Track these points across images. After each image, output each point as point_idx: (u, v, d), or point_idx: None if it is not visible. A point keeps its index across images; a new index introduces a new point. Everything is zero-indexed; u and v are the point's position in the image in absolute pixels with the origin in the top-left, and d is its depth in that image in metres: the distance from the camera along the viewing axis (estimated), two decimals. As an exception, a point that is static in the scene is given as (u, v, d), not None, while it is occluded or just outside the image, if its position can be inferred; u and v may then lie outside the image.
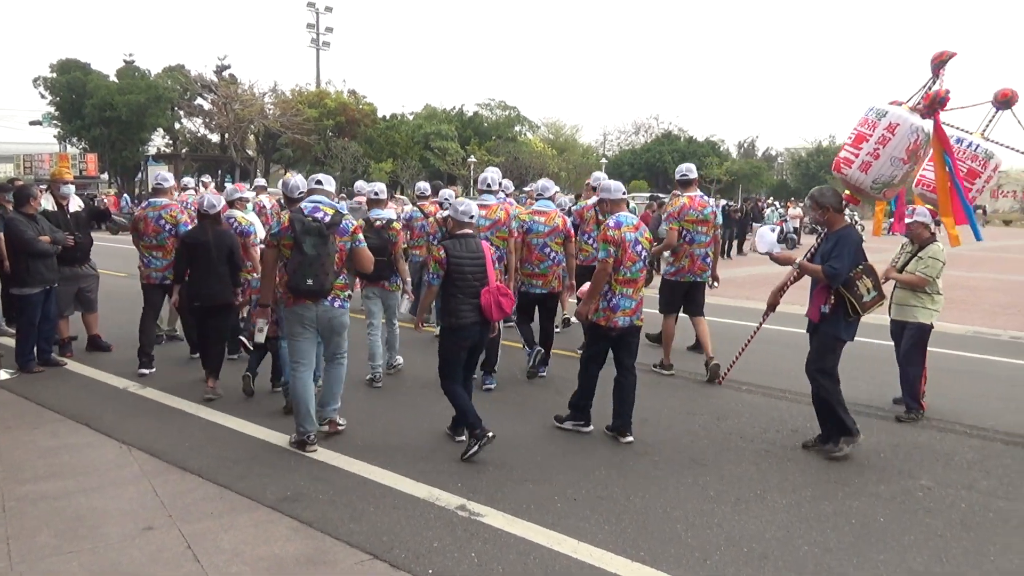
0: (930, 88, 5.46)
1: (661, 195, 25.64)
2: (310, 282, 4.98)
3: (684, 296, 7.58)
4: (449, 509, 4.27)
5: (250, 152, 47.41)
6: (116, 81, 43.81)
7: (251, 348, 6.37)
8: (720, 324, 10.67)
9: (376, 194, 7.11)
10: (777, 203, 35.86)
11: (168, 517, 4.13)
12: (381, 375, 6.90)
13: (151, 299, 7.42)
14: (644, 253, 5.57)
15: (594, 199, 7.83)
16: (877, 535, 4.09)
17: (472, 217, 5.36)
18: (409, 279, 7.28)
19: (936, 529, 4.18)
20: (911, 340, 6.19)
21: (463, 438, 5.28)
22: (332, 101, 46.15)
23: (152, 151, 46.93)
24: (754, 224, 24.68)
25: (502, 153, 45.86)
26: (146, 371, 7.04)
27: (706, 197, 7.58)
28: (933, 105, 5.32)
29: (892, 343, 6.50)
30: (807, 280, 5.52)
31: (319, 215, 5.08)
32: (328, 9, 54.91)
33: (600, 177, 8.16)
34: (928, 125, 5.38)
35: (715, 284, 7.72)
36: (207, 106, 44.75)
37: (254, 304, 6.47)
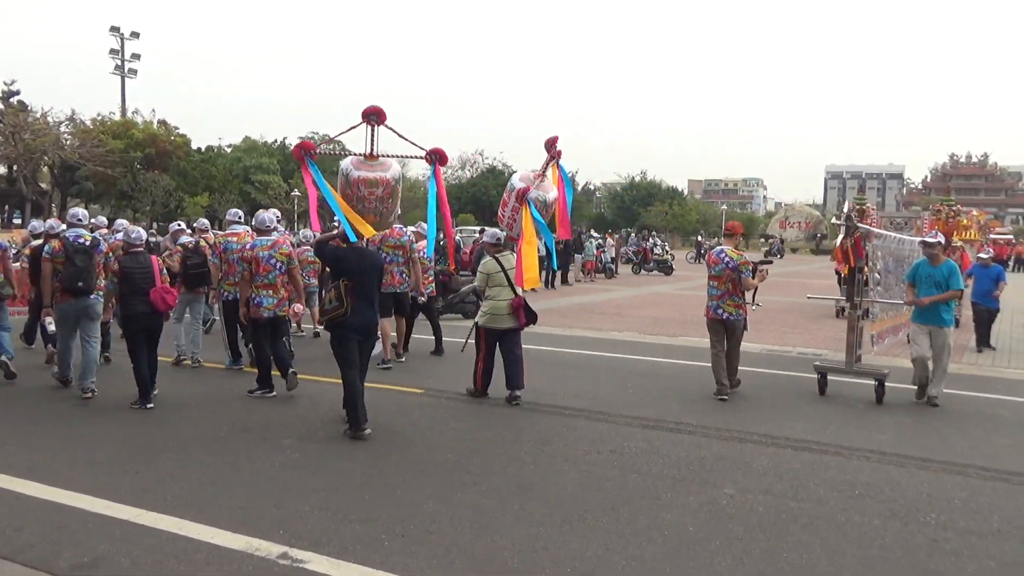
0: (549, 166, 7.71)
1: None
2: (80, 284, 7.50)
3: (395, 303, 9.58)
4: (270, 559, 4.07)
5: (44, 185, 43.29)
6: None
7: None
8: (544, 352, 11.02)
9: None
10: (597, 234, 37.70)
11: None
12: (186, 352, 9.28)
13: None
14: (279, 265, 7.83)
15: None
16: (687, 543, 4.36)
17: (142, 240, 7.52)
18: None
19: (738, 533, 4.52)
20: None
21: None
22: (140, 132, 43.30)
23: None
24: (576, 255, 25.81)
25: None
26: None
27: (404, 229, 9.52)
28: (437, 155, 7.01)
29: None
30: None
31: (81, 240, 7.64)
32: (135, 35, 51.74)
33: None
34: (515, 180, 7.63)
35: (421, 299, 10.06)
36: (-9, 135, 40.45)
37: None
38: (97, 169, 38.99)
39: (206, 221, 10.66)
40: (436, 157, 6.94)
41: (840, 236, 8.34)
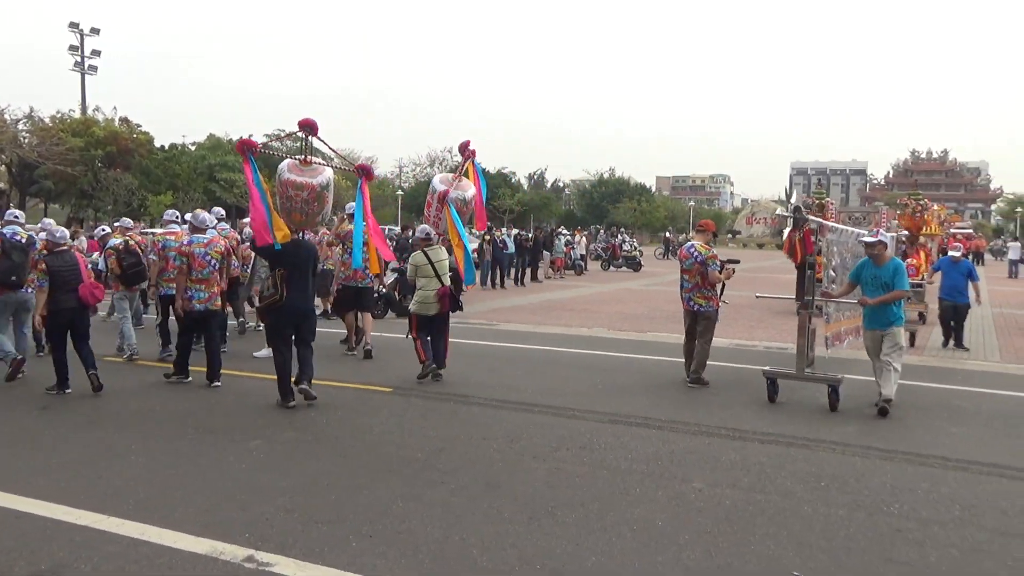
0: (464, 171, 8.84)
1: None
2: (14, 279, 8.24)
3: (356, 296, 10.29)
4: (235, 563, 4.01)
5: (1, 185, 42.23)
6: None
7: None
8: (514, 349, 11.03)
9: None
10: (566, 231, 37.84)
11: None
12: (136, 349, 9.56)
13: None
14: (213, 262, 8.13)
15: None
16: (656, 538, 4.38)
17: (66, 239, 7.88)
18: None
19: (706, 527, 4.55)
20: None
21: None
22: (101, 130, 42.32)
23: None
24: (545, 252, 25.84)
25: None
26: None
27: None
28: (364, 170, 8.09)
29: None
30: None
31: (18, 238, 8.36)
32: (95, 31, 50.64)
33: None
34: (436, 182, 8.64)
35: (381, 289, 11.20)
36: (-56, 133, 39.32)
37: None
38: (57, 168, 38.08)
39: (174, 212, 10.62)
40: (363, 172, 7.99)
41: (787, 228, 8.38)
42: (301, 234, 7.71)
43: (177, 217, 10.28)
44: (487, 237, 22.49)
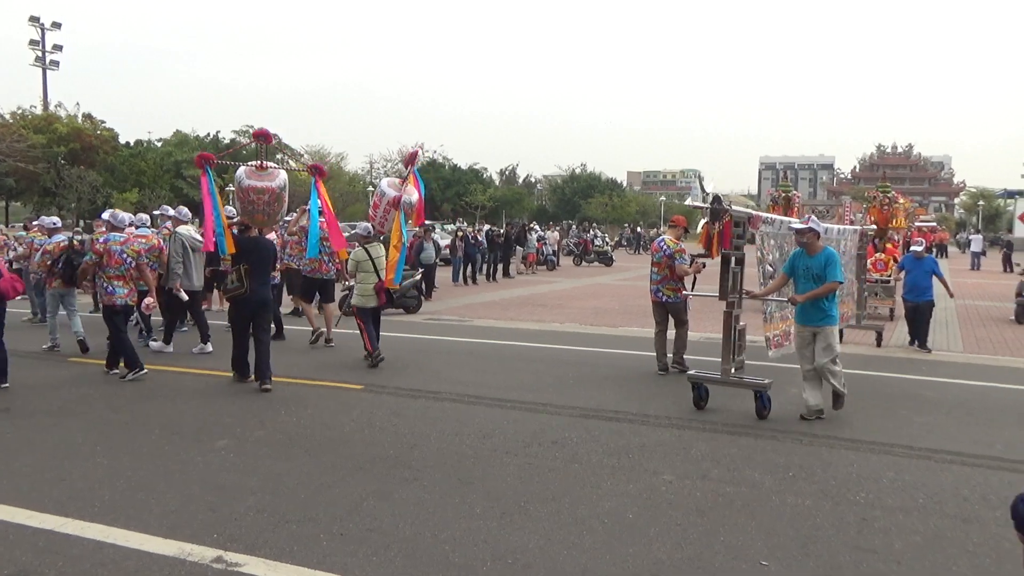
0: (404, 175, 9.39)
1: (428, 222, 26.06)
2: None
3: (319, 288, 11.07)
4: (203, 564, 3.96)
5: (-40, 183, 41.11)
6: None
7: None
8: (486, 345, 11.02)
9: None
10: (538, 227, 37.89)
11: None
12: (59, 343, 10.01)
13: None
14: (129, 260, 8.38)
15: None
16: (627, 531, 4.41)
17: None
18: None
19: (676, 519, 4.59)
20: None
21: None
22: (63, 126, 41.45)
23: None
24: (518, 248, 25.87)
25: None
26: None
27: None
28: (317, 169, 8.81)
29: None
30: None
31: None
32: (56, 25, 49.60)
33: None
34: (384, 186, 9.10)
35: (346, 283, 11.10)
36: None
37: None
38: (18, 165, 37.28)
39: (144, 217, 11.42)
40: (316, 171, 8.71)
41: (703, 220, 8.11)
42: (260, 232, 8.44)
43: (145, 221, 10.82)
44: (459, 233, 22.47)
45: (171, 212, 11.19)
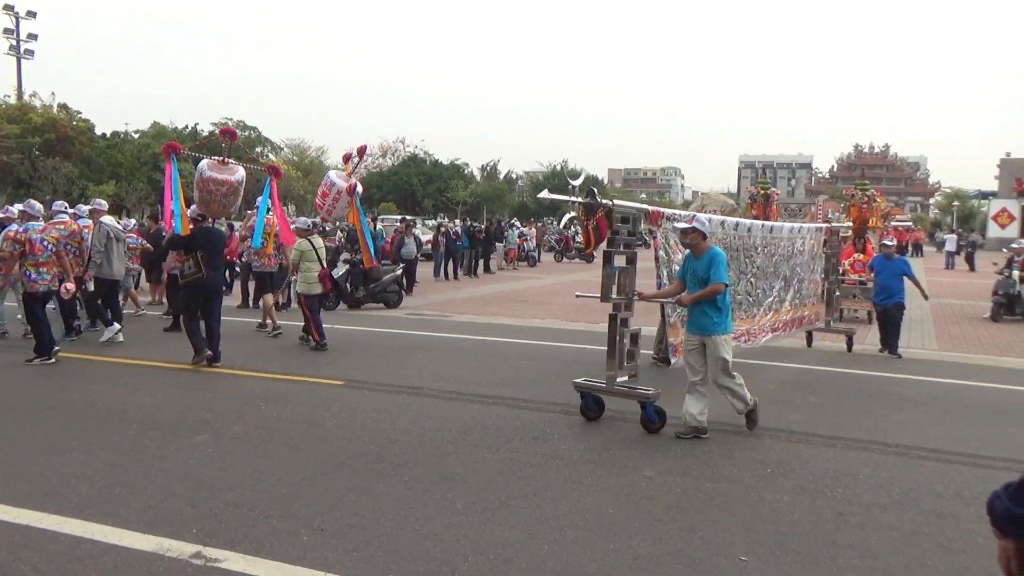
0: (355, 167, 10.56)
1: (409, 217, 26.22)
2: None
3: (263, 280, 11.71)
4: (182, 559, 3.93)
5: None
6: None
7: None
8: (467, 340, 11.01)
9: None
10: (519, 223, 37.88)
11: None
12: (7, 330, 10.38)
13: None
14: (50, 247, 8.81)
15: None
16: (608, 526, 4.43)
17: None
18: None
19: (656, 514, 4.62)
20: None
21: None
22: (38, 116, 40.61)
23: None
24: (497, 244, 25.90)
25: None
26: None
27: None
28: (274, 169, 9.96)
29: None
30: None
31: None
32: (31, 14, 48.66)
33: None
34: (333, 177, 10.13)
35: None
36: None
37: None
38: (-9, 156, 36.60)
39: (62, 203, 11.45)
40: (272, 171, 9.71)
41: (568, 215, 7.81)
42: (212, 223, 9.22)
43: (65, 207, 11.08)
44: (441, 228, 22.44)
45: (57, 207, 11.14)
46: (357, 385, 7.87)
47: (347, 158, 10.82)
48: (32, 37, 48.52)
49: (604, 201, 6.62)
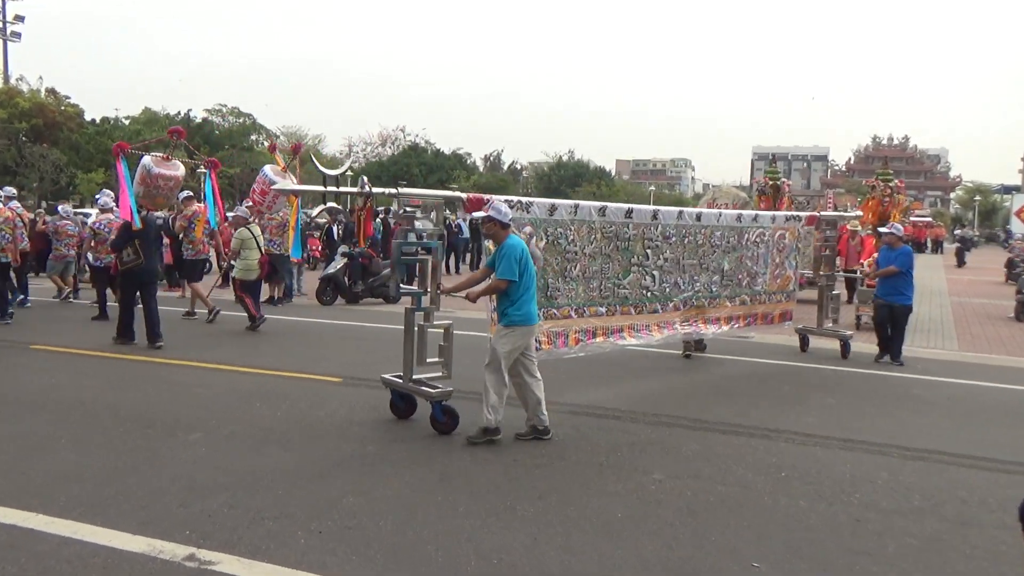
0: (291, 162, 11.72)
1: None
2: None
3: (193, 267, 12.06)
4: (175, 562, 3.78)
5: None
6: None
7: None
8: (467, 337, 10.82)
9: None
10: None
11: None
12: None
13: None
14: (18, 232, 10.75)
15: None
16: (616, 531, 4.27)
17: None
18: None
19: (666, 518, 4.46)
20: None
21: None
22: (25, 101, 39.57)
23: None
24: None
25: (237, 164, 42.69)
26: None
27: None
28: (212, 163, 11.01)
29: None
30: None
31: None
32: (18, -5, 47.81)
33: None
34: (269, 173, 11.01)
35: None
36: None
37: None
38: (-25, 141, 35.93)
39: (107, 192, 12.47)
40: (212, 165, 10.78)
41: (320, 206, 8.01)
42: (147, 213, 9.69)
43: (13, 194, 12.03)
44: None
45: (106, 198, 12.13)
46: (354, 383, 7.70)
47: (296, 149, 12.31)
48: (19, 19, 47.21)
49: (365, 190, 6.37)
